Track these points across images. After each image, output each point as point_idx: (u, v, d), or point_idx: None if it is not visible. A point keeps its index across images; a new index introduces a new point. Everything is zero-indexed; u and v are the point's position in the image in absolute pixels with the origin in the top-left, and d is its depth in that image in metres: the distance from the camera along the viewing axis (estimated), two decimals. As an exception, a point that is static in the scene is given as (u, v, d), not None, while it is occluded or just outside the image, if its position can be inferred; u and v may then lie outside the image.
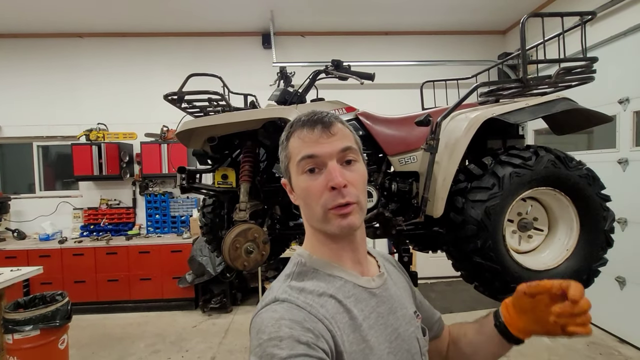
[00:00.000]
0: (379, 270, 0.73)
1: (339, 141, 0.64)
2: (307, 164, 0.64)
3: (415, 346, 0.68)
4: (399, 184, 1.54)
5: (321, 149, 0.63)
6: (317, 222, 0.65)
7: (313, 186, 0.63)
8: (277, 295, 0.60)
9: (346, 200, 0.62)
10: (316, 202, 0.63)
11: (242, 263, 1.31)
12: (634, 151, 2.93)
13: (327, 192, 0.62)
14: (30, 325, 2.31)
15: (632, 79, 2.92)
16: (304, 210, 0.68)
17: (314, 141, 0.64)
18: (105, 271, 3.94)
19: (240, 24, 4.35)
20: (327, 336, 0.56)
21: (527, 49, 1.40)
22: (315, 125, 0.65)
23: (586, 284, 1.34)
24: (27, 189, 4.59)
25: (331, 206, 0.62)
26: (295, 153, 0.65)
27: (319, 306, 0.59)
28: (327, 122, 0.65)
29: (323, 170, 0.63)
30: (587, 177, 1.33)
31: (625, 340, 3.02)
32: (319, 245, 0.68)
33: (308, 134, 0.64)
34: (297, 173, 0.65)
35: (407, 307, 0.73)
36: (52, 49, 4.43)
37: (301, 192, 0.65)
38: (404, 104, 2.95)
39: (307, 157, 0.63)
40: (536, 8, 3.95)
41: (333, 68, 1.57)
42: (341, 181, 0.61)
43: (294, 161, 0.65)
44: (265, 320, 0.56)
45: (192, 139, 1.49)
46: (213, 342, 3.28)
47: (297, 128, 0.66)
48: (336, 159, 0.63)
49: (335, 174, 0.62)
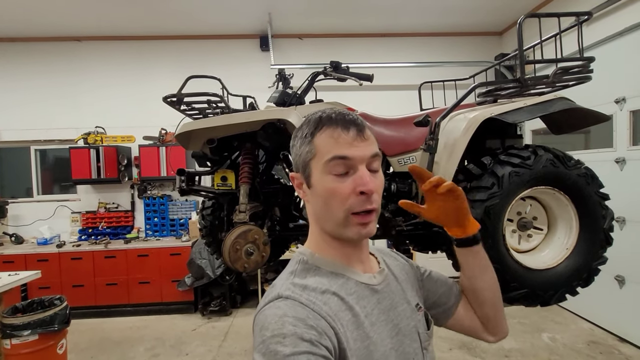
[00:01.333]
0: (379, 266, 0.74)
1: (370, 146, 0.64)
2: (338, 165, 0.62)
3: (416, 340, 0.69)
4: (398, 184, 1.54)
5: (355, 152, 0.62)
6: (333, 225, 0.64)
7: (340, 188, 0.62)
8: (280, 292, 0.60)
9: (373, 207, 0.62)
10: (340, 204, 0.62)
11: (243, 265, 1.30)
12: (631, 150, 2.95)
13: (354, 196, 0.61)
14: (29, 330, 2.30)
15: (629, 78, 2.94)
16: (321, 210, 0.65)
17: (349, 143, 0.62)
18: (103, 275, 3.92)
19: (238, 26, 4.36)
20: (330, 333, 0.56)
21: (524, 50, 1.41)
22: (349, 126, 0.63)
23: (586, 282, 1.35)
24: (25, 193, 4.58)
25: (357, 210, 0.62)
26: (325, 151, 0.62)
27: (322, 303, 0.59)
28: (361, 125, 0.64)
29: (351, 174, 0.62)
30: (585, 176, 1.34)
31: (625, 339, 3.02)
32: (325, 245, 0.68)
33: (342, 134, 0.62)
34: (322, 171, 0.63)
35: (408, 301, 0.73)
36: (50, 52, 4.43)
37: (324, 192, 0.63)
38: (402, 105, 2.96)
39: (339, 157, 0.61)
40: (532, 9, 3.98)
41: (332, 69, 1.58)
42: (372, 188, 0.61)
43: (322, 159, 0.63)
44: (268, 317, 0.56)
45: (191, 141, 1.49)
46: (213, 345, 3.26)
47: (329, 125, 0.63)
48: (366, 164, 0.63)
49: (367, 179, 0.61)
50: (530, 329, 3.36)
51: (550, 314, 3.61)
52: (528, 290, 1.28)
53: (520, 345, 3.07)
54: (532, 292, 1.29)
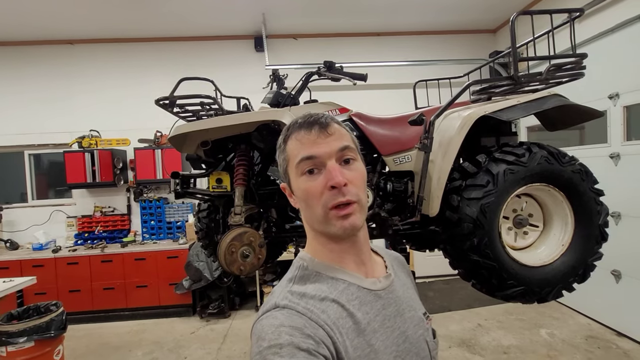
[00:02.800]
0: (386, 270, 0.72)
1: (336, 141, 0.64)
2: (306, 165, 0.63)
3: (424, 349, 0.67)
4: (394, 183, 1.54)
5: (319, 149, 0.63)
6: (318, 224, 0.65)
7: (313, 187, 0.63)
8: (277, 302, 0.60)
9: (347, 199, 0.61)
10: (317, 202, 0.62)
11: (239, 267, 1.29)
12: (625, 145, 2.96)
13: (327, 191, 0.62)
14: (25, 336, 2.27)
15: (621, 74, 2.96)
16: (305, 212, 0.67)
17: (312, 142, 0.63)
18: (100, 279, 3.90)
19: (232, 27, 4.35)
20: (328, 342, 0.55)
21: (517, 47, 1.41)
22: (312, 126, 0.64)
23: (582, 278, 1.35)
24: (20, 199, 4.53)
25: (331, 205, 0.62)
26: (294, 155, 0.65)
27: (320, 312, 0.58)
28: (324, 122, 0.65)
29: (322, 171, 0.63)
30: (580, 172, 1.34)
31: (623, 333, 3.04)
32: (321, 248, 0.67)
33: (305, 135, 0.64)
34: (296, 175, 0.65)
35: (415, 308, 0.71)
36: (43, 56, 4.39)
37: (301, 193, 0.65)
38: (396, 103, 2.96)
39: (305, 158, 0.63)
40: (525, 6, 3.99)
41: (325, 69, 1.57)
42: (341, 180, 0.61)
43: (293, 163, 0.65)
44: (265, 327, 0.55)
45: (185, 143, 1.48)
46: (212, 348, 3.25)
47: (294, 130, 0.66)
48: (335, 159, 0.63)
49: (335, 172, 0.61)
50: (529, 325, 3.37)
51: (548, 309, 3.63)
52: (525, 288, 1.29)
53: (519, 341, 3.08)
54: (529, 289, 1.29)
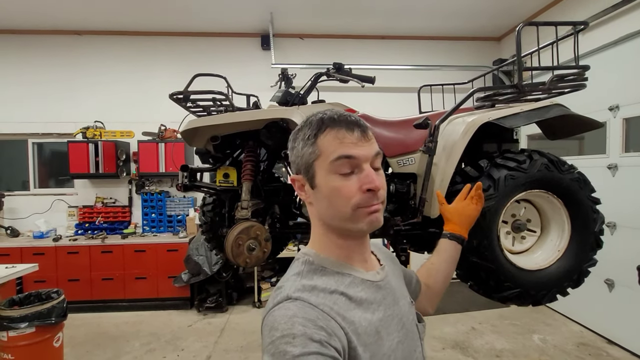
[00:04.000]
0: (380, 263, 0.76)
1: (373, 145, 0.67)
2: (343, 165, 0.64)
3: (415, 332, 0.72)
4: (397, 185, 1.57)
5: (360, 152, 0.64)
6: (341, 221, 0.66)
7: (346, 186, 0.64)
8: (289, 294, 0.61)
9: (379, 202, 0.66)
10: (346, 202, 0.64)
11: (244, 260, 1.33)
12: (623, 157, 3.01)
13: (360, 193, 0.63)
14: (26, 322, 2.30)
15: (622, 86, 3.00)
16: (327, 209, 0.67)
17: (353, 143, 0.64)
18: (100, 270, 3.93)
19: (239, 24, 4.38)
20: (340, 334, 0.57)
21: (522, 56, 1.45)
22: (353, 127, 0.65)
23: (576, 283, 1.39)
24: (21, 186, 4.56)
25: (364, 206, 0.64)
26: (330, 151, 0.64)
27: (331, 304, 0.60)
28: (364, 126, 0.67)
29: (356, 172, 0.64)
30: (578, 181, 1.38)
31: (614, 341, 3.09)
32: (330, 245, 0.69)
33: (347, 135, 0.64)
34: (327, 171, 0.65)
35: (405, 296, 0.77)
36: (50, 45, 4.42)
37: (330, 191, 0.65)
38: (400, 107, 3.00)
39: (345, 157, 0.63)
40: (530, 16, 4.04)
41: (334, 70, 1.60)
42: (379, 184, 0.64)
43: (327, 159, 0.64)
44: (278, 317, 0.56)
45: (195, 137, 1.51)
46: (209, 341, 3.28)
47: (332, 126, 0.65)
48: (369, 163, 0.65)
49: (374, 177, 0.64)
50: (522, 330, 3.42)
51: (541, 315, 3.68)
52: (521, 290, 1.32)
53: (511, 345, 3.13)
54: (524, 292, 1.33)
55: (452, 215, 1.08)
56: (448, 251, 1.02)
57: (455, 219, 1.07)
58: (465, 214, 1.07)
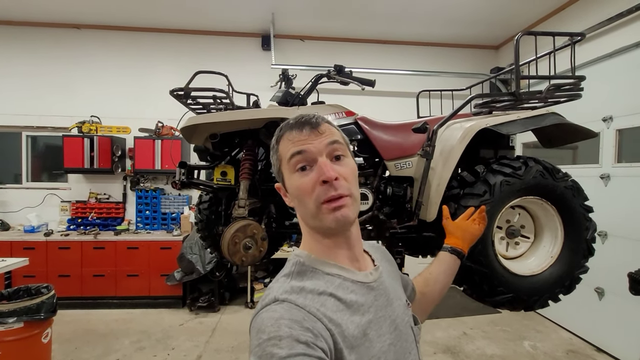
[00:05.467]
0: (374, 263, 0.76)
1: (326, 138, 0.67)
2: (297, 162, 0.66)
3: (410, 335, 0.71)
4: (394, 188, 1.58)
5: (309, 146, 0.66)
6: (312, 219, 0.67)
7: (305, 182, 0.65)
8: (276, 296, 0.61)
9: (338, 193, 0.64)
10: (309, 197, 0.65)
11: (240, 258, 1.33)
12: (615, 167, 3.06)
13: (319, 186, 0.64)
14: (14, 317, 2.26)
15: (616, 98, 3.06)
16: (299, 209, 0.69)
17: (303, 140, 0.66)
18: (91, 266, 3.89)
19: (240, 24, 4.38)
20: (327, 335, 0.57)
21: (520, 65, 1.48)
22: (303, 126, 0.68)
23: (568, 289, 1.41)
24: (14, 179, 4.50)
25: (324, 199, 0.64)
26: (285, 152, 0.68)
27: (318, 305, 0.60)
28: (315, 122, 0.68)
29: (314, 167, 0.66)
30: (572, 189, 1.40)
31: (602, 349, 3.13)
32: (316, 244, 0.69)
33: (297, 135, 0.67)
34: (289, 172, 0.68)
35: (400, 297, 0.76)
36: (48, 38, 4.38)
37: (294, 190, 0.67)
38: (397, 111, 3.02)
39: (296, 153, 0.66)
40: (528, 26, 4.10)
41: (335, 73, 1.61)
42: (332, 174, 0.64)
43: (285, 161, 0.68)
44: (264, 320, 0.57)
45: (194, 134, 1.50)
46: (200, 340, 3.26)
47: (286, 130, 0.69)
48: (325, 154, 0.66)
49: (327, 167, 0.64)
50: (513, 336, 3.44)
51: (532, 322, 3.71)
52: (514, 295, 1.34)
53: (502, 351, 3.15)
54: (517, 297, 1.34)
55: (456, 230, 1.13)
56: (447, 263, 1.05)
57: (459, 234, 1.12)
58: (468, 231, 1.13)
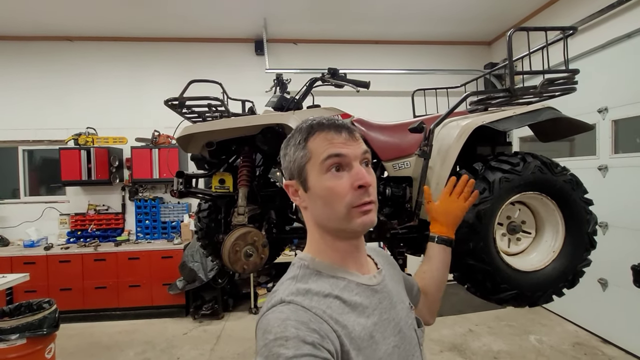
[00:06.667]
0: (377, 267, 0.76)
1: (362, 145, 0.69)
2: (334, 162, 0.66)
3: (414, 337, 0.72)
4: (392, 188, 1.58)
5: (349, 150, 0.66)
6: (337, 221, 0.66)
7: (339, 185, 0.65)
8: (282, 297, 0.61)
9: (371, 199, 0.66)
10: (341, 200, 0.65)
11: (242, 266, 1.32)
12: (613, 158, 3.07)
13: (352, 191, 0.65)
14: (17, 333, 2.25)
15: (610, 89, 3.07)
16: (322, 210, 0.67)
17: (342, 143, 0.67)
18: (92, 278, 3.86)
19: (232, 30, 4.39)
20: (333, 337, 0.57)
21: (513, 60, 1.48)
22: (341, 129, 0.68)
23: (572, 283, 1.41)
24: (11, 194, 4.47)
25: (357, 204, 0.65)
26: (320, 152, 0.66)
27: (324, 307, 0.61)
28: (351, 128, 0.70)
29: (347, 170, 0.66)
30: (571, 182, 1.40)
31: (608, 340, 3.12)
32: (326, 249, 0.69)
33: (335, 136, 0.67)
34: (319, 172, 0.66)
35: (404, 300, 0.76)
36: (42, 52, 4.37)
37: (324, 191, 0.66)
38: (393, 110, 3.03)
39: (334, 155, 0.66)
40: (519, 21, 4.11)
41: (329, 76, 1.61)
42: (369, 180, 0.66)
43: (317, 160, 0.66)
44: (271, 321, 0.57)
45: (191, 143, 1.50)
46: (204, 349, 3.24)
47: (321, 129, 0.68)
48: (360, 161, 0.68)
49: (364, 173, 0.66)
50: (518, 331, 3.43)
51: (537, 316, 3.71)
52: (517, 292, 1.33)
53: (508, 347, 3.14)
54: (521, 293, 1.34)
55: (438, 215, 1.01)
56: (438, 257, 0.99)
57: (442, 218, 1.00)
58: (451, 213, 1.00)
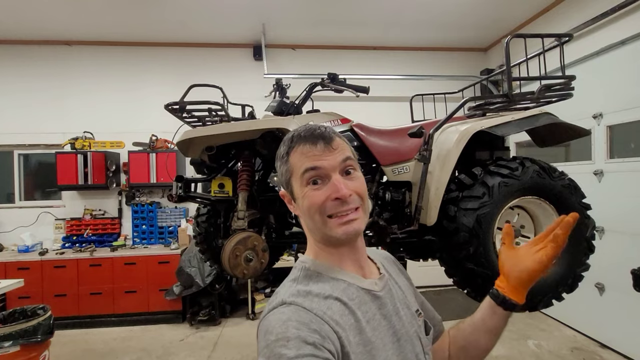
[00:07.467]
0: (379, 272, 0.76)
1: (340, 154, 0.68)
2: (311, 177, 0.67)
3: (418, 345, 0.71)
4: (392, 193, 1.59)
5: (324, 163, 0.66)
6: (318, 231, 0.68)
7: (316, 196, 0.66)
8: (284, 299, 0.62)
9: (350, 208, 0.66)
10: (317, 211, 0.66)
11: (242, 271, 1.31)
12: (608, 163, 3.10)
13: (330, 202, 0.65)
14: (10, 341, 2.21)
15: (605, 95, 3.11)
16: (307, 220, 0.69)
17: (317, 156, 0.67)
18: (88, 284, 3.81)
19: (231, 35, 4.40)
20: (333, 337, 0.58)
21: (510, 67, 1.50)
22: (317, 140, 0.68)
23: (571, 288, 1.41)
24: (6, 199, 4.42)
25: (333, 213, 0.66)
26: (298, 166, 0.68)
27: (325, 308, 0.61)
28: (328, 137, 0.69)
29: (326, 182, 0.67)
30: (569, 187, 1.41)
31: (606, 345, 3.12)
32: (321, 253, 0.71)
33: (311, 149, 0.67)
34: (300, 185, 0.68)
35: (409, 306, 0.75)
36: (39, 56, 4.36)
37: (305, 203, 0.67)
38: (391, 116, 3.04)
39: (310, 169, 0.66)
40: (515, 28, 4.17)
41: (329, 81, 1.62)
42: (346, 192, 0.65)
43: (297, 174, 0.68)
44: (272, 322, 0.57)
45: (190, 148, 1.50)
46: (201, 355, 3.20)
47: (298, 143, 0.69)
48: (338, 170, 0.67)
49: (340, 185, 0.65)
50: (517, 335, 3.43)
51: (535, 321, 3.70)
52: (517, 296, 1.33)
53: (507, 351, 3.13)
54: (521, 298, 1.34)
55: (503, 262, 0.75)
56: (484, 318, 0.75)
57: (505, 268, 0.74)
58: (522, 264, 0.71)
